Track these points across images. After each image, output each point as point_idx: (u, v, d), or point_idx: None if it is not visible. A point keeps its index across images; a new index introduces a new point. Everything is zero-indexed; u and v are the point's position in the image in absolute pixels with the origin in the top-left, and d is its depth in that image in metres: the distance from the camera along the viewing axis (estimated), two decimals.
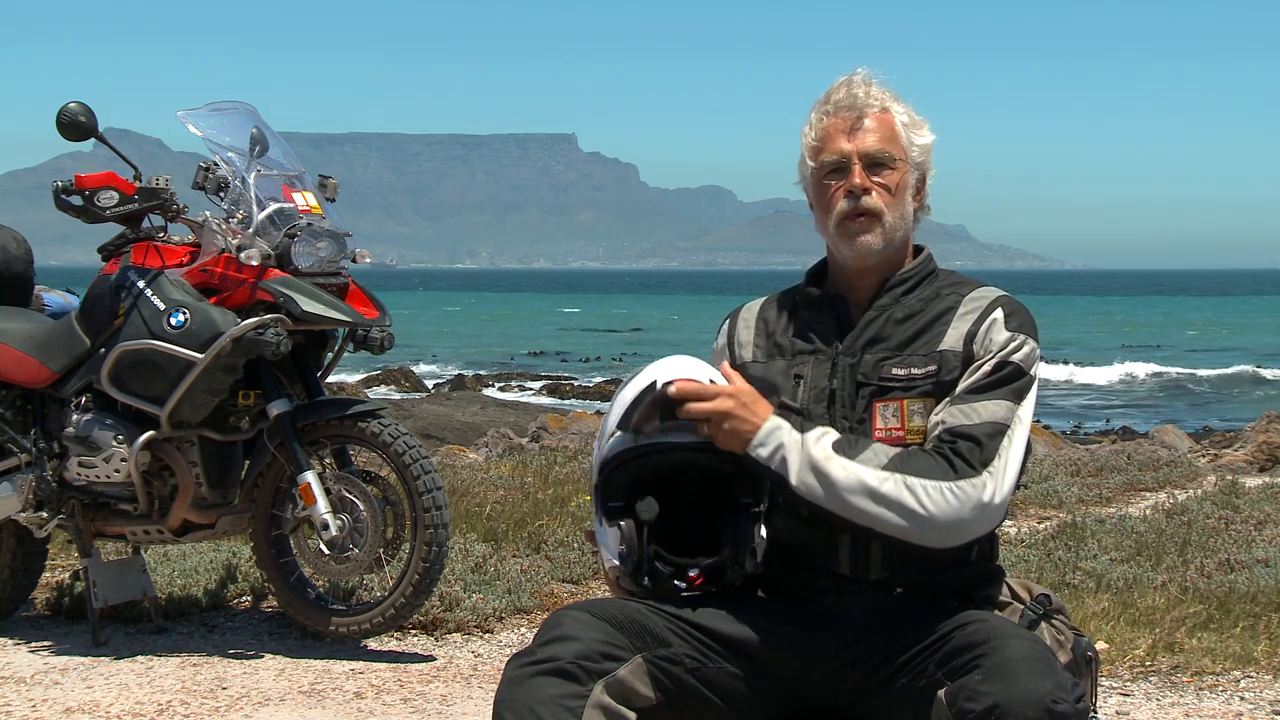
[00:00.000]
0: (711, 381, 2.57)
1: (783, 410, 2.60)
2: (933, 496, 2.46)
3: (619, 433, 2.57)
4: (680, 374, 2.57)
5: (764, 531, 2.59)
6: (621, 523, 2.55)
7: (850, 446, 2.51)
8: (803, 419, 2.59)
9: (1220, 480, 8.63)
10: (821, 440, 2.51)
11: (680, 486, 2.61)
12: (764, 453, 2.51)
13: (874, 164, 2.67)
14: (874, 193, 2.66)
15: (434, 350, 48.14)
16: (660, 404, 2.54)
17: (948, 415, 2.55)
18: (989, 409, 2.53)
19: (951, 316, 2.64)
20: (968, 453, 2.49)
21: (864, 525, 2.49)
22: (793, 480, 2.50)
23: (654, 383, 2.56)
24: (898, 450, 2.52)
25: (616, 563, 2.57)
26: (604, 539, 2.61)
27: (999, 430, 2.52)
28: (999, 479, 2.49)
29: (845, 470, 2.48)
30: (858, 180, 2.66)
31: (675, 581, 2.56)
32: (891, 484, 2.47)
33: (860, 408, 2.62)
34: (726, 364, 2.64)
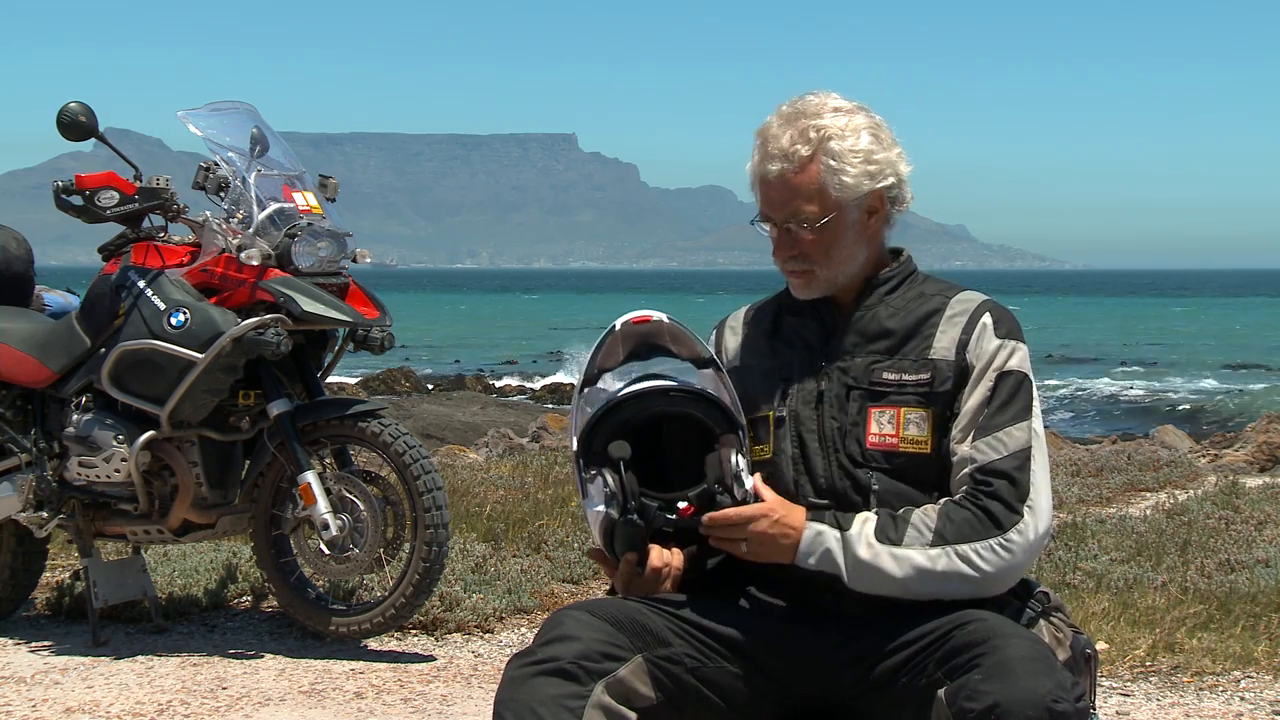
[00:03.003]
0: (664, 320, 2.62)
1: (813, 510, 2.57)
2: (985, 558, 2.50)
3: (589, 392, 2.59)
4: (636, 314, 2.63)
5: (746, 462, 2.58)
6: (604, 471, 2.54)
7: (893, 529, 2.52)
8: (835, 512, 2.56)
9: (1220, 480, 8.62)
10: (864, 533, 2.51)
11: (664, 436, 2.61)
12: (813, 562, 2.53)
13: (798, 227, 2.63)
14: (800, 257, 2.64)
15: (456, 355, 47.74)
16: (622, 340, 2.60)
17: (975, 451, 2.55)
18: (1013, 436, 2.55)
19: (939, 319, 2.64)
20: (1006, 494, 2.52)
21: (927, 600, 2.51)
22: (847, 582, 2.52)
23: (612, 326, 2.61)
24: (936, 514, 2.52)
25: (602, 508, 2.54)
26: (591, 504, 2.58)
27: (1025, 458, 2.54)
28: (1038, 512, 2.53)
29: (896, 560, 2.50)
30: (782, 251, 2.66)
31: (667, 515, 2.54)
32: (945, 560, 2.49)
33: (853, 410, 2.62)
34: (758, 478, 2.58)
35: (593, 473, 2.56)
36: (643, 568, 2.60)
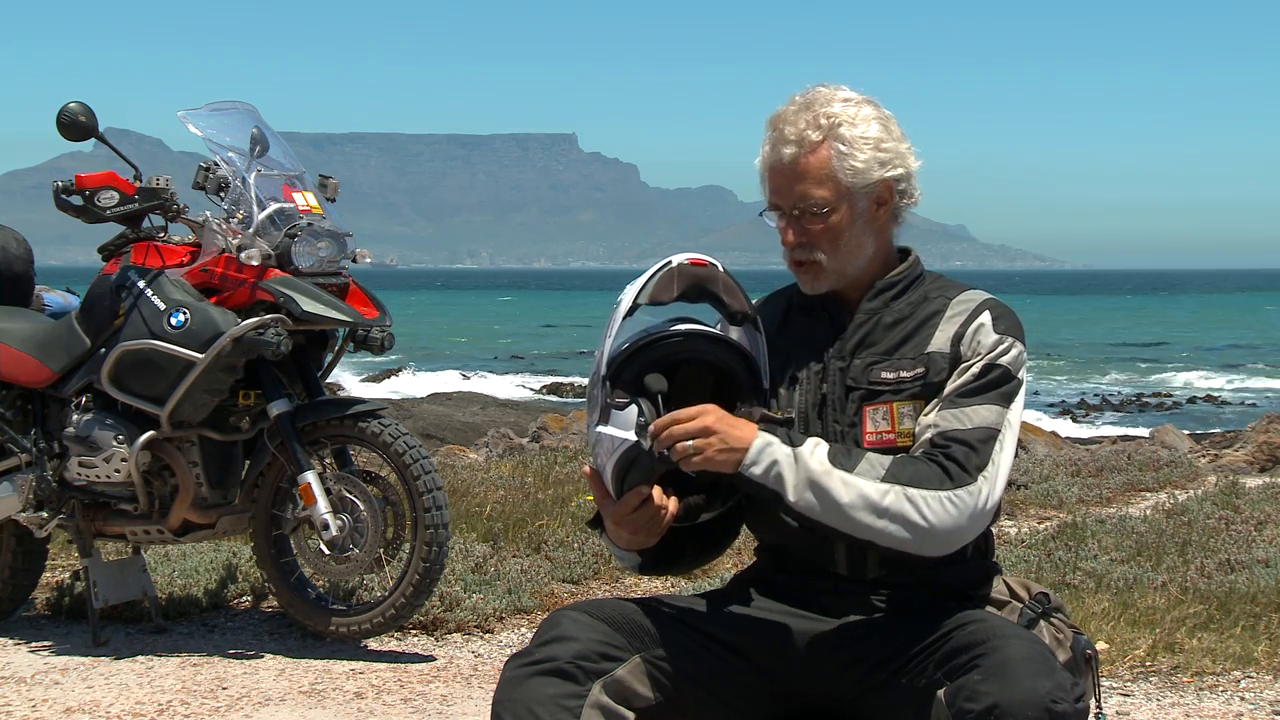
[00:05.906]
0: (719, 267, 2.57)
1: (767, 423, 2.54)
2: (933, 507, 2.45)
3: (626, 321, 2.53)
4: (694, 256, 2.58)
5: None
6: (640, 400, 2.47)
7: (846, 458, 2.48)
8: (789, 430, 2.54)
9: (1220, 480, 8.62)
10: (816, 453, 2.47)
11: (683, 383, 2.56)
12: (757, 471, 2.46)
13: (807, 213, 2.63)
14: (808, 245, 2.63)
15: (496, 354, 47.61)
16: (678, 277, 2.54)
17: (940, 419, 2.53)
18: (980, 414, 2.52)
19: (939, 319, 2.63)
20: (962, 458, 2.48)
21: (863, 538, 2.47)
22: (790, 498, 2.46)
23: (669, 261, 2.57)
24: (892, 458, 2.50)
25: (631, 437, 2.45)
26: (612, 428, 2.49)
27: (990, 435, 2.51)
28: (992, 484, 2.49)
29: (845, 485, 2.45)
30: (790, 238, 2.64)
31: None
32: (893, 496, 2.44)
33: (850, 412, 2.61)
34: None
35: (624, 400, 2.49)
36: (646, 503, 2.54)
